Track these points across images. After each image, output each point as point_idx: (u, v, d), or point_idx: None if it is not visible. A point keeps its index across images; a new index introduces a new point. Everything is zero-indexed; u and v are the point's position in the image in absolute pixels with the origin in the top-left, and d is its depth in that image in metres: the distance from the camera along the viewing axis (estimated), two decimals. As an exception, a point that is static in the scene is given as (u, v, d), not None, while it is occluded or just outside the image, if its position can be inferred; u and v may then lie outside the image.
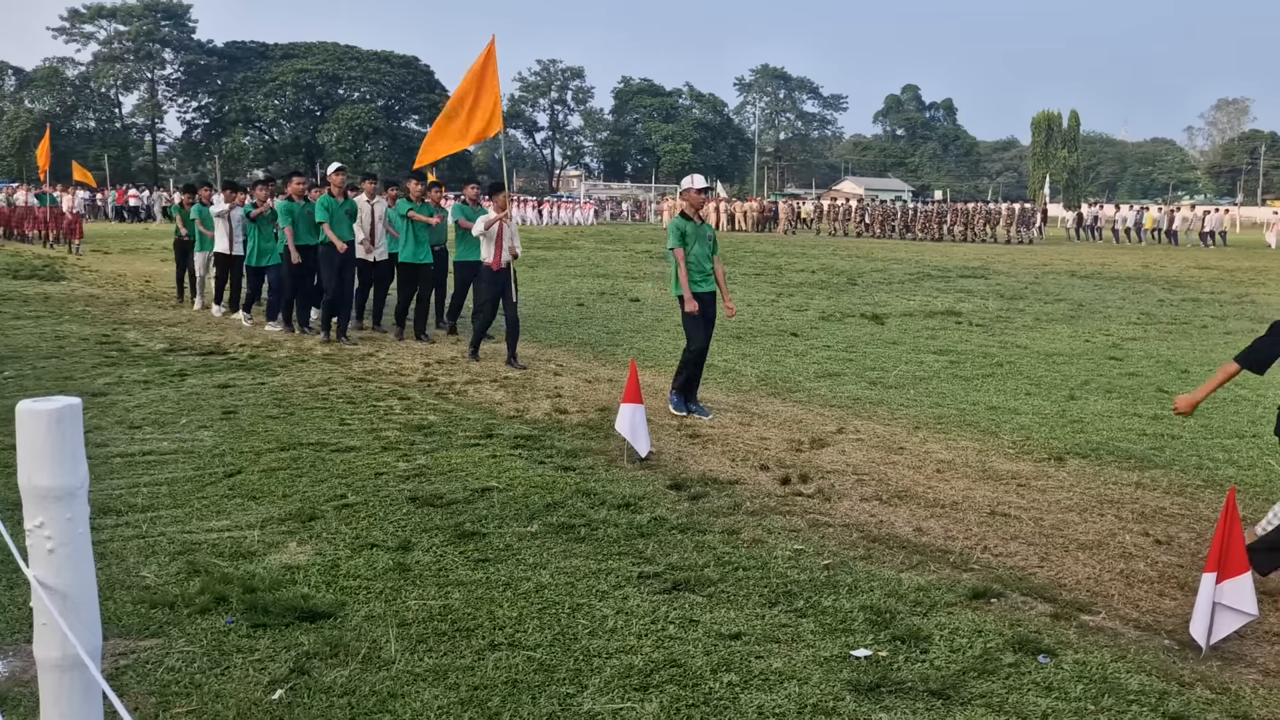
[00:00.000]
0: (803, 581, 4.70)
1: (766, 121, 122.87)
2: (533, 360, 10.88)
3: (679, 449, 7.18)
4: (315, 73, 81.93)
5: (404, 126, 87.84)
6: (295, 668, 3.77)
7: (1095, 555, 5.18)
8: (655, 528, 5.41)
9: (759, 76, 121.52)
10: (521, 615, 4.27)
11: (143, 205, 50.34)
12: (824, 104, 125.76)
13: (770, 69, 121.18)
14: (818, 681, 3.73)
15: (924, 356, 11.36)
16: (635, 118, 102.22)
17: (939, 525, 5.59)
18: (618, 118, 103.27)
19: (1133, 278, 23.34)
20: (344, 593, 4.49)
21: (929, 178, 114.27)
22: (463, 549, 5.06)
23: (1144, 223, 45.01)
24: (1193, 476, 6.62)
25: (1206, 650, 4.04)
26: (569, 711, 3.50)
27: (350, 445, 7.07)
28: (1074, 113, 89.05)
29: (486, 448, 7.07)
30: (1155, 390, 9.50)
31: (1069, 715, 3.52)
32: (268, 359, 10.72)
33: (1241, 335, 13.51)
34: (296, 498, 5.86)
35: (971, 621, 4.28)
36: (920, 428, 7.91)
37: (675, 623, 4.22)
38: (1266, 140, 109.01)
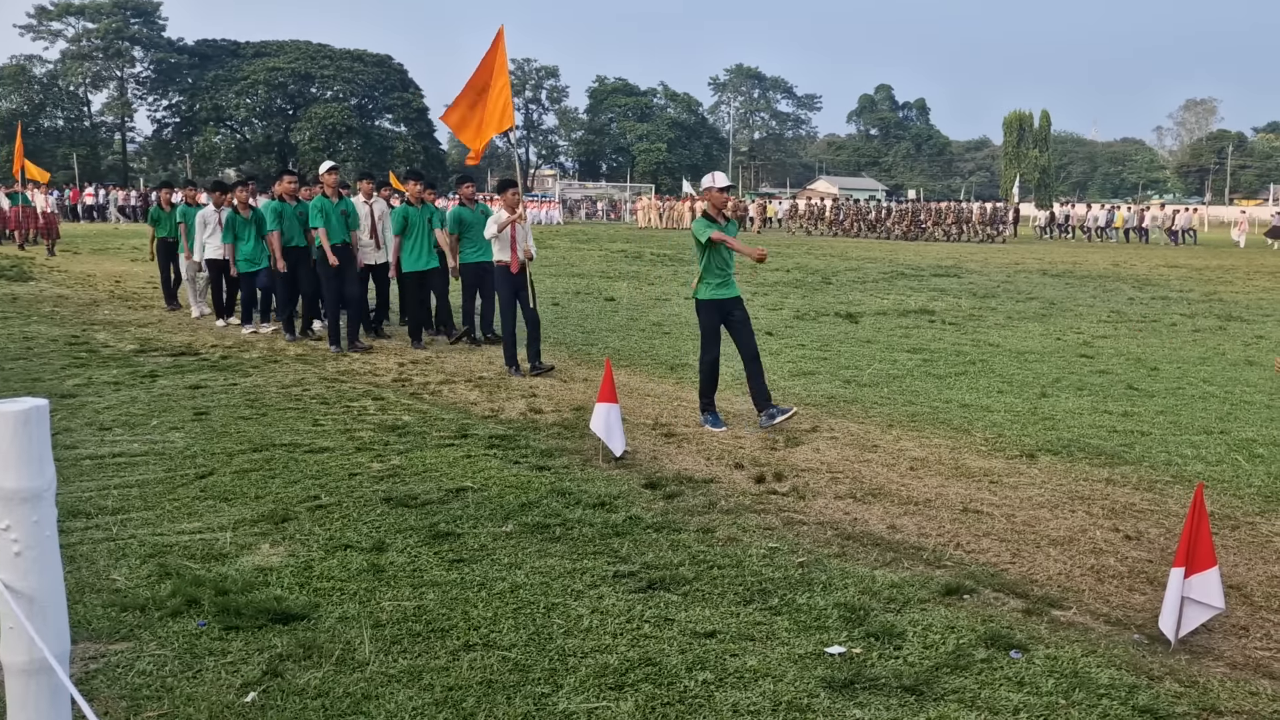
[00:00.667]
0: (777, 579, 4.72)
1: (741, 121, 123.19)
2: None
3: (654, 448, 7.18)
4: (287, 71, 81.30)
5: (378, 125, 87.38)
6: (268, 670, 3.75)
7: (1066, 551, 5.22)
8: (630, 527, 5.41)
9: (733, 76, 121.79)
10: (496, 615, 4.26)
11: (97, 205, 49.72)
12: (798, 103, 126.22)
13: (744, 68, 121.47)
14: (792, 679, 3.74)
15: (898, 355, 11.42)
16: (610, 117, 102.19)
17: (912, 522, 5.63)
18: (592, 117, 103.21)
19: (1103, 276, 23.56)
20: (317, 594, 4.46)
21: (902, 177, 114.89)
22: (437, 549, 5.04)
23: (1114, 222, 45.48)
24: (1162, 473, 6.69)
25: (1175, 644, 4.08)
26: (544, 711, 3.50)
27: (324, 446, 7.03)
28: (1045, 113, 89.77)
29: (461, 448, 7.05)
30: (1125, 387, 9.60)
31: (1040, 710, 3.55)
32: (240, 360, 10.64)
33: (1209, 333, 13.68)
34: (269, 499, 5.82)
35: (944, 618, 4.31)
36: (894, 426, 7.96)
37: (650, 621, 4.23)
38: (1233, 140, 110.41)
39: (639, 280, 20.38)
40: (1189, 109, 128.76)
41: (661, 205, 54.11)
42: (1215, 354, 11.80)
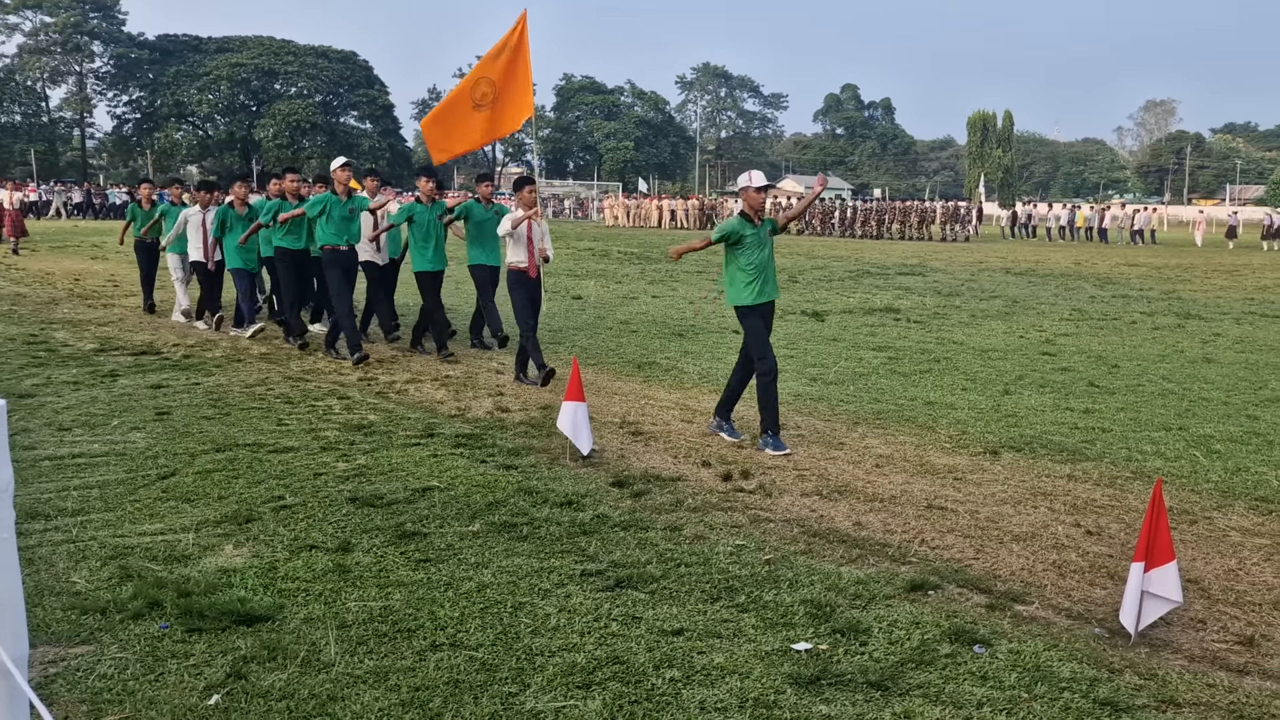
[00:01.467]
0: (744, 577, 4.73)
1: (708, 120, 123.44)
2: (475, 358, 10.82)
3: (621, 446, 7.18)
4: (250, 67, 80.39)
5: (342, 123, 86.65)
6: (232, 672, 3.71)
7: (1029, 546, 5.29)
8: (598, 525, 5.41)
9: (700, 75, 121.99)
10: (463, 615, 4.25)
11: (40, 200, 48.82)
12: (765, 102, 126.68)
13: (711, 67, 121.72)
14: (759, 675, 3.76)
15: (863, 353, 11.50)
16: (577, 115, 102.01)
17: (878, 519, 5.67)
18: (559, 115, 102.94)
19: (1065, 275, 23.85)
20: (282, 595, 4.42)
21: (868, 176, 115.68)
22: (403, 549, 5.01)
23: (1076, 221, 46.02)
24: (1122, 468, 6.79)
25: (1135, 637, 4.15)
26: (511, 711, 3.49)
27: (288, 446, 6.97)
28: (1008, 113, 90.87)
29: (427, 447, 7.01)
30: (1086, 385, 9.72)
31: (1003, 704, 3.60)
32: (202, 359, 10.52)
33: (1168, 330, 13.89)
34: (233, 499, 5.76)
35: (909, 613, 4.35)
36: (859, 423, 8.01)
37: (618, 620, 4.23)
38: (1192, 141, 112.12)
39: (606, 279, 20.38)
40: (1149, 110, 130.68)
41: (629, 204, 54.10)
42: (1174, 351, 11.98)
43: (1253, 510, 5.92)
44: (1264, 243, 40.48)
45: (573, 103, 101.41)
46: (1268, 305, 17.43)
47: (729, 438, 7.33)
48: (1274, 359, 11.46)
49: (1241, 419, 8.28)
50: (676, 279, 20.55)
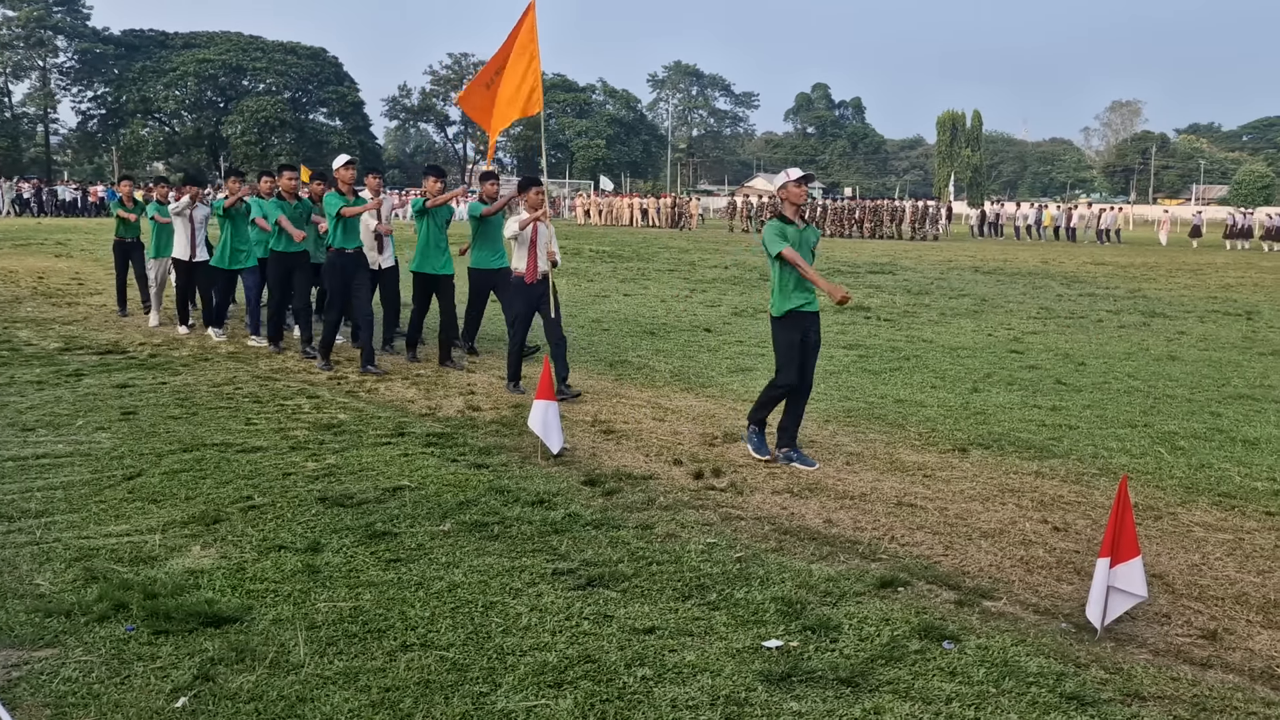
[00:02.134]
0: (715, 575, 4.75)
1: (679, 118, 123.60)
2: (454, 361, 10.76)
3: (593, 445, 7.18)
4: (218, 63, 79.58)
5: (312, 119, 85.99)
6: (199, 674, 3.68)
7: (997, 543, 5.34)
8: (569, 524, 5.41)
9: (672, 73, 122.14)
10: (434, 615, 4.23)
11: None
12: (736, 101, 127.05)
13: (683, 66, 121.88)
14: (730, 673, 3.77)
15: (834, 351, 11.55)
16: (548, 112, 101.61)
17: (848, 516, 5.70)
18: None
19: (1033, 273, 24.07)
20: (250, 596, 4.39)
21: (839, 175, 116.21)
22: (374, 549, 4.99)
23: (1043, 220, 46.47)
24: (1088, 465, 6.87)
25: (1101, 632, 4.20)
26: (482, 710, 3.48)
27: (256, 445, 6.92)
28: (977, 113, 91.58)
29: (398, 446, 6.98)
30: (1054, 382, 9.82)
31: (972, 699, 3.63)
32: (169, 358, 10.41)
33: (1134, 329, 14.06)
34: (200, 500, 5.71)
35: (879, 610, 4.38)
36: (830, 421, 8.05)
37: (589, 618, 4.23)
38: (1157, 141, 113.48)
39: (578, 277, 20.34)
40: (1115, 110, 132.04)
41: (600, 202, 54.06)
42: (1139, 349, 12.13)
43: (1216, 506, 6.00)
44: (1227, 242, 41.07)
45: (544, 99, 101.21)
46: (1230, 303, 17.68)
47: (805, 467, 6.64)
48: (1236, 356, 11.63)
49: (1205, 416, 8.40)
50: (648, 277, 20.56)
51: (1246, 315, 15.86)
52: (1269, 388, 9.68)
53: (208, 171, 78.45)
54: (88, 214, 48.30)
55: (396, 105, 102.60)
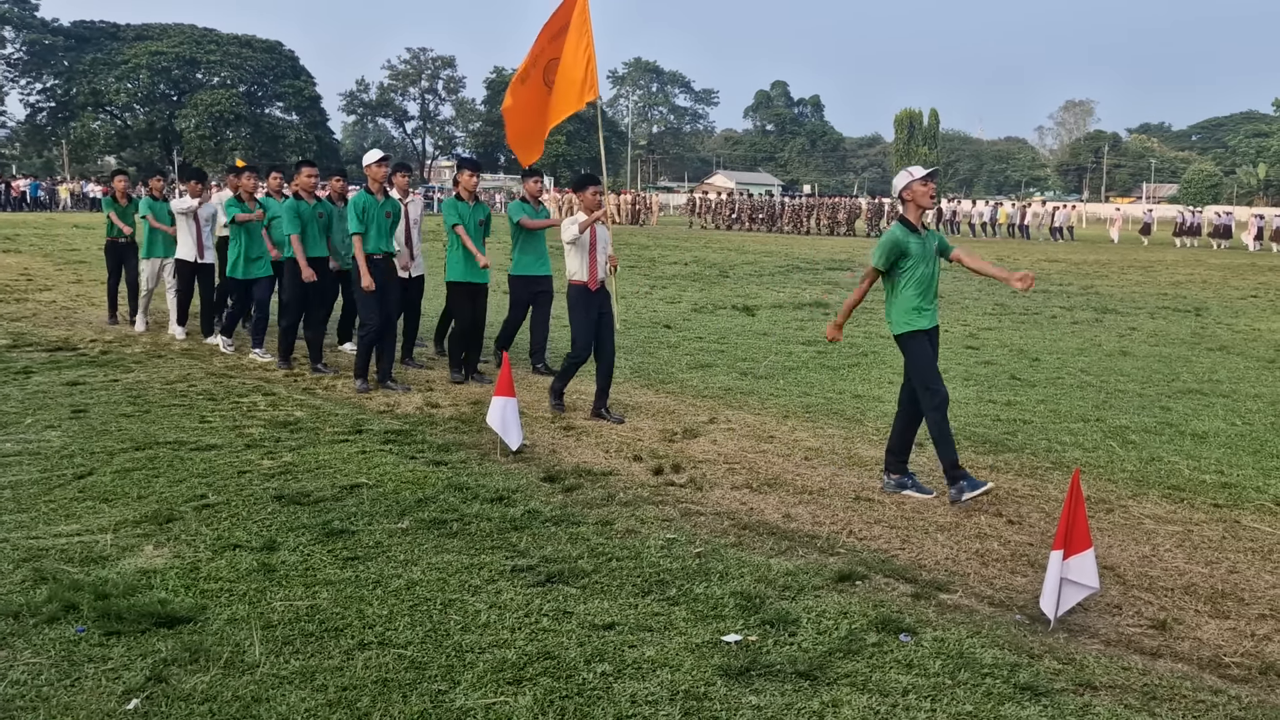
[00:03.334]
0: (675, 570, 4.76)
1: (639, 115, 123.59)
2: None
3: (553, 441, 7.16)
4: (171, 56, 78.29)
5: (268, 114, 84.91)
6: (152, 675, 3.62)
7: (953, 536, 5.40)
8: (529, 521, 5.39)
9: (632, 69, 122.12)
10: (392, 613, 4.20)
11: None
12: (696, 98, 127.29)
13: (643, 62, 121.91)
14: (689, 668, 3.78)
15: (793, 347, 11.62)
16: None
17: (807, 511, 5.74)
18: (490, 108, 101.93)
19: (989, 270, 24.34)
20: (205, 596, 4.33)
21: (798, 172, 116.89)
22: (331, 547, 4.94)
23: (998, 218, 47.04)
24: (1042, 459, 6.96)
25: (1054, 623, 4.26)
26: (441, 708, 3.46)
27: (211, 443, 6.83)
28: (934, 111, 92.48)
29: (356, 443, 6.92)
30: (1009, 378, 9.95)
31: (928, 690, 3.67)
32: (121, 355, 10.24)
33: (1087, 325, 14.27)
34: (153, 499, 5.62)
35: (837, 604, 4.41)
36: (789, 416, 8.09)
37: (549, 615, 4.22)
38: (1109, 140, 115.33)
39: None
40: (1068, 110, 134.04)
41: (561, 198, 53.92)
42: (1092, 345, 12.31)
43: (1165, 498, 6.11)
44: (1176, 239, 41.84)
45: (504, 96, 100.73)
46: (1180, 300, 18.00)
47: (920, 495, 6.09)
48: (1185, 352, 11.85)
49: (1155, 410, 8.54)
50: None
51: (1195, 312, 16.16)
52: (1217, 382, 9.87)
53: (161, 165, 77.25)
54: (26, 209, 47.41)
55: (354, 100, 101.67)
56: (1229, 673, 3.91)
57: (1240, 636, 4.24)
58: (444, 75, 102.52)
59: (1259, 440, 7.53)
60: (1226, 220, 40.82)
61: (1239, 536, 5.46)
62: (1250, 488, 6.34)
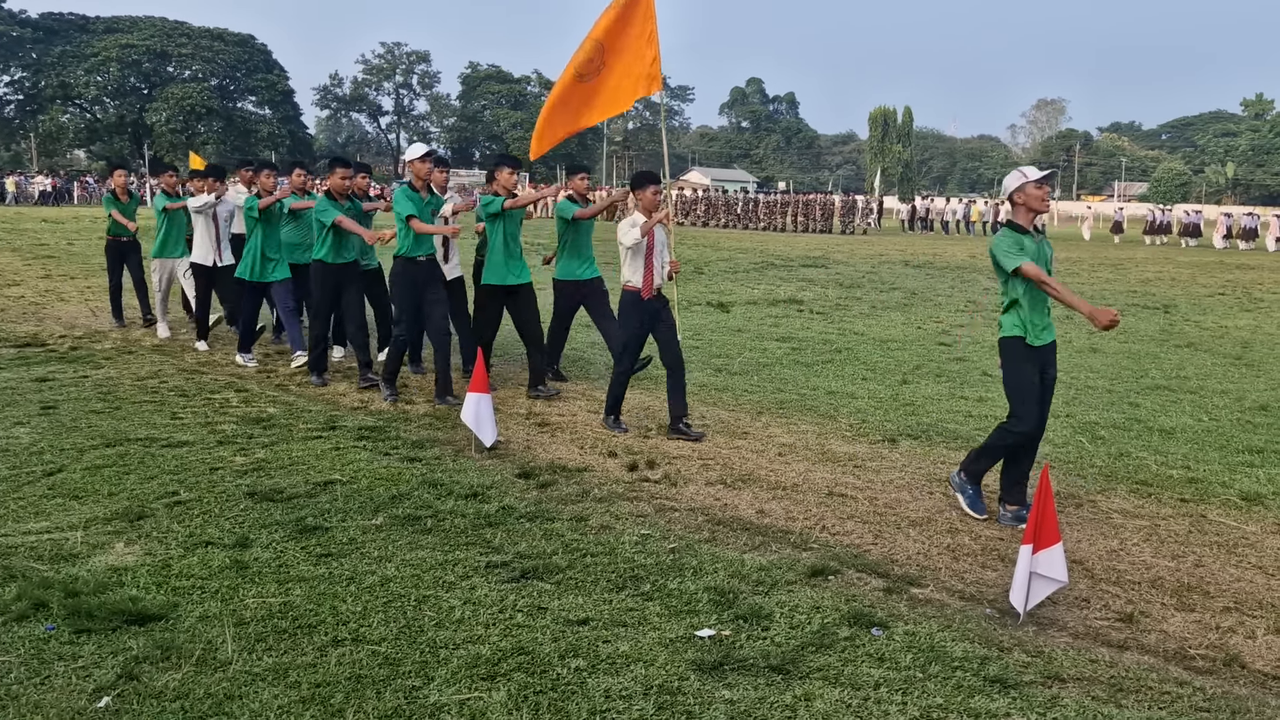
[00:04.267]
0: (649, 565, 4.77)
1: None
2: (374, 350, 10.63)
3: (527, 437, 7.16)
4: (142, 49, 77.46)
5: (240, 108, 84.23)
6: (123, 673, 3.60)
7: (925, 531, 5.44)
8: (503, 517, 5.39)
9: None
10: (366, 609, 4.19)
11: None
12: (671, 95, 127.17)
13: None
14: (663, 663, 3.80)
15: (767, 344, 11.66)
16: (483, 104, 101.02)
17: (780, 507, 5.77)
18: (465, 104, 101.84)
19: (961, 267, 24.53)
20: (176, 593, 4.31)
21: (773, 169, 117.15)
22: (304, 544, 4.92)
23: (971, 215, 47.38)
24: (1013, 455, 7.02)
25: (1024, 616, 4.31)
26: (415, 704, 3.46)
27: (183, 440, 6.78)
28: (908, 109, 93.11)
29: (329, 440, 6.89)
30: (981, 374, 10.03)
31: (899, 684, 3.70)
32: (91, 350, 10.14)
33: (1057, 321, 14.36)
34: (124, 496, 5.58)
35: (810, 598, 4.44)
36: (763, 413, 8.13)
37: (523, 611, 4.23)
38: (1080, 139, 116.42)
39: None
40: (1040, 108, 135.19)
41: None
42: (1062, 341, 12.42)
43: (1133, 493, 6.19)
44: (1146, 237, 42.29)
45: (479, 91, 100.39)
46: (1149, 297, 18.20)
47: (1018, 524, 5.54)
48: (1154, 349, 11.99)
49: (1124, 406, 8.65)
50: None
51: (1164, 309, 16.35)
52: (1184, 379, 10.00)
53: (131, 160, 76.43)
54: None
55: (328, 94, 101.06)
56: (1194, 665, 3.98)
57: (1205, 629, 4.31)
58: (418, 70, 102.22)
59: (1225, 436, 7.64)
60: (1195, 219, 41.32)
61: (1205, 531, 5.54)
62: (1216, 483, 6.44)
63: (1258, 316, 15.61)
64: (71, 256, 20.27)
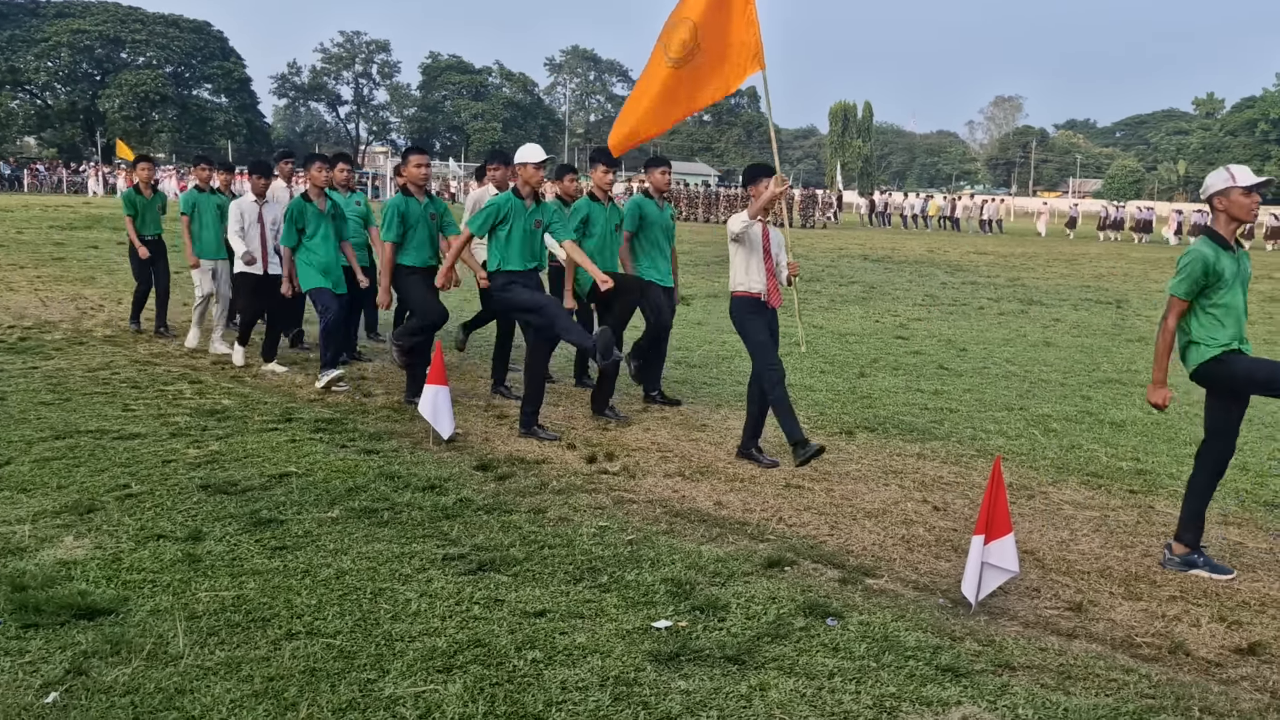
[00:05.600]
0: (607, 557, 4.78)
1: (577, 103, 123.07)
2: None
3: (486, 430, 7.14)
4: (94, 34, 75.98)
5: (195, 96, 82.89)
6: (72, 668, 3.54)
7: (880, 522, 5.50)
8: (461, 509, 5.37)
9: (569, 58, 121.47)
10: (321, 602, 4.16)
11: None
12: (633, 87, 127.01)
13: (581, 50, 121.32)
14: (620, 654, 3.81)
15: (726, 337, 11.69)
16: (444, 95, 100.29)
17: (738, 498, 5.80)
18: (425, 94, 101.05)
19: (919, 262, 24.77)
20: (127, 587, 4.25)
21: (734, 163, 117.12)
22: (258, 537, 4.87)
23: (928, 210, 47.87)
24: (967, 447, 7.12)
25: (976, 606, 4.37)
26: (370, 697, 3.44)
27: (134, 432, 6.68)
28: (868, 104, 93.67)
29: (285, 432, 6.82)
30: (937, 367, 10.14)
31: (853, 673, 3.74)
32: (40, 341, 9.95)
33: (1013, 316, 14.60)
34: (73, 489, 5.49)
35: (766, 589, 4.47)
36: (722, 405, 8.16)
37: (480, 603, 4.22)
38: (1037, 136, 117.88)
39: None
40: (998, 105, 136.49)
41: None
42: (1018, 336, 12.60)
43: (1084, 485, 6.30)
44: (1100, 233, 42.98)
45: (439, 81, 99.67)
46: (1102, 292, 18.50)
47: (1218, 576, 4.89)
48: (1106, 343, 12.19)
49: (1076, 399, 8.79)
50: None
51: (1116, 304, 16.62)
52: (1135, 372, 10.17)
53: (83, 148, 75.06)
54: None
55: (286, 83, 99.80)
56: (1140, 652, 4.06)
57: (1152, 617, 4.39)
58: (378, 60, 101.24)
59: (1173, 429, 7.79)
60: (1148, 215, 42.06)
61: (1153, 521, 5.65)
62: (1164, 474, 6.56)
63: (1207, 312, 15.90)
64: (21, 245, 19.87)
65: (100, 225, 25.51)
